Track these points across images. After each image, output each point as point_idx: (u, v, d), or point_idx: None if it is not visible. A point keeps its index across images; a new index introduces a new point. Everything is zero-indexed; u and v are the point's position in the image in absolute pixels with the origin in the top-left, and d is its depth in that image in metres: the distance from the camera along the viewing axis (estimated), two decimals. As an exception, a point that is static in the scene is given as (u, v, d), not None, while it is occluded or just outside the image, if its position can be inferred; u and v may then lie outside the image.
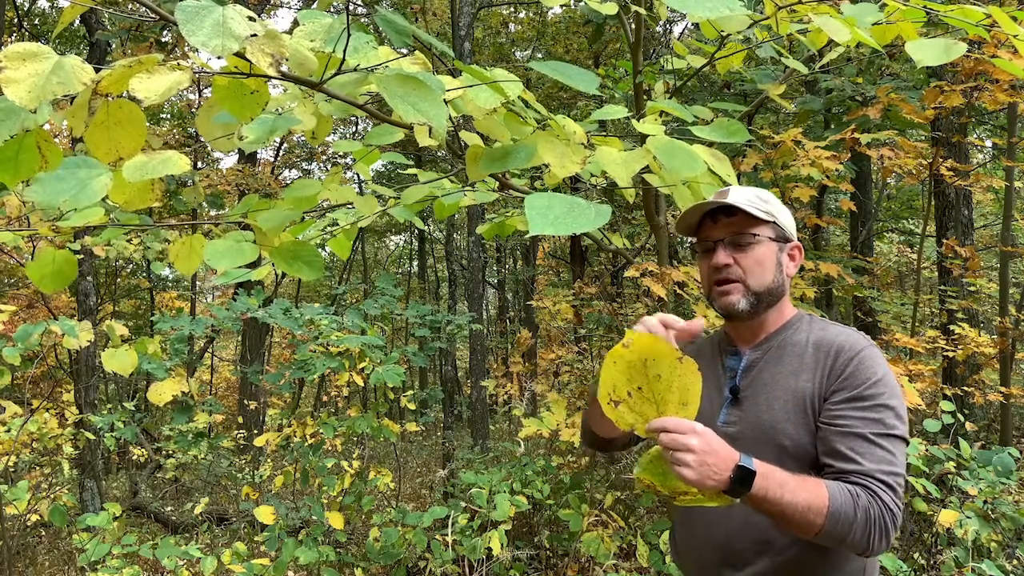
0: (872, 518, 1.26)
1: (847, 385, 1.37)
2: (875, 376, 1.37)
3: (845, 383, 1.38)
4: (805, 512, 1.24)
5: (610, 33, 8.81)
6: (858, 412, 1.34)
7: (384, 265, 22.57)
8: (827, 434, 1.36)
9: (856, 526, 1.25)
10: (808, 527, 1.26)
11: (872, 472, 1.30)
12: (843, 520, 1.25)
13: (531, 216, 1.16)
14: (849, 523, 1.25)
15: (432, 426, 11.95)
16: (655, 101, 2.37)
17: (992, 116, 7.87)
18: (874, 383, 1.36)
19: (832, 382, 1.39)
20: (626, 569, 3.82)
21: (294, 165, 16.57)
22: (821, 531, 1.25)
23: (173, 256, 1.79)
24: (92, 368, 7.64)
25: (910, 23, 1.82)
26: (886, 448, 1.32)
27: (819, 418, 1.38)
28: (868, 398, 1.35)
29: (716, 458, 1.21)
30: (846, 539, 1.27)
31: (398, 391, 4.90)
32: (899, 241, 12.89)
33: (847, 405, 1.36)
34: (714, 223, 1.51)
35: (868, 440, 1.32)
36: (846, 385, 1.37)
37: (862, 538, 1.26)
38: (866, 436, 1.32)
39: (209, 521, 6.70)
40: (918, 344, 4.45)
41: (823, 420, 1.37)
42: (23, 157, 1.32)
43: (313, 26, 1.41)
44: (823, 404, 1.39)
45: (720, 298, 1.50)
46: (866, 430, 1.33)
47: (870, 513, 1.26)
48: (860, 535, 1.26)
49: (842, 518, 1.25)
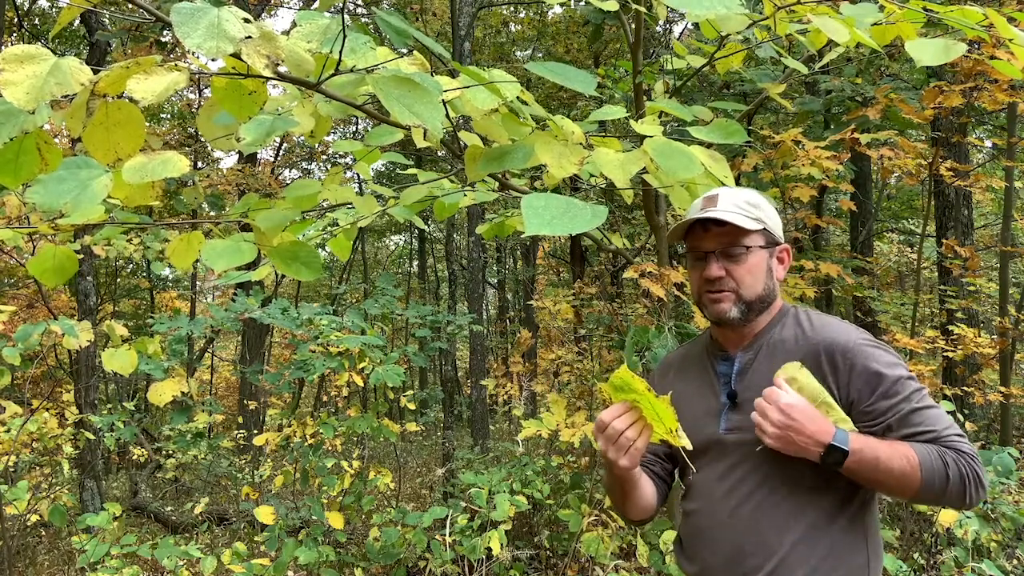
0: (964, 473, 1.32)
1: (865, 384, 1.39)
2: (879, 359, 1.40)
3: (867, 383, 1.39)
4: (900, 479, 1.31)
5: (610, 33, 8.81)
6: (892, 399, 1.38)
7: (384, 265, 22.57)
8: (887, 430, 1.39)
9: (952, 484, 1.32)
10: (904, 491, 1.34)
11: (943, 433, 1.35)
12: (936, 483, 1.32)
13: (527, 217, 1.16)
14: (943, 484, 1.32)
15: (432, 426, 11.95)
16: (655, 101, 2.37)
17: (992, 116, 7.87)
18: (883, 366, 1.40)
19: (847, 388, 1.40)
20: (626, 569, 3.82)
21: (294, 165, 16.58)
22: (917, 495, 1.33)
23: (171, 252, 1.79)
24: (92, 368, 7.64)
25: (909, 24, 1.82)
26: (932, 407, 1.39)
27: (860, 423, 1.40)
28: (897, 383, 1.39)
29: (803, 433, 1.30)
30: (942, 498, 1.34)
31: (398, 391, 4.90)
32: (899, 241, 12.89)
33: (882, 401, 1.38)
34: (705, 232, 1.49)
35: (918, 411, 1.37)
36: (869, 384, 1.39)
37: (959, 495, 1.33)
38: (915, 409, 1.38)
39: (209, 521, 6.71)
40: (918, 344, 4.44)
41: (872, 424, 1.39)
42: (23, 159, 1.33)
43: (310, 27, 1.41)
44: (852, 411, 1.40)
45: (711, 305, 1.50)
46: (910, 405, 1.38)
47: (961, 469, 1.32)
48: (956, 492, 1.32)
49: (936, 481, 1.31)
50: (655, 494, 1.60)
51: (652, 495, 1.58)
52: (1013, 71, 1.81)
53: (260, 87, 1.36)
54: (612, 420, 1.31)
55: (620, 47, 10.28)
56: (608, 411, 1.32)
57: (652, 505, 1.59)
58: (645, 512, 1.59)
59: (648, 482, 1.58)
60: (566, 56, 11.19)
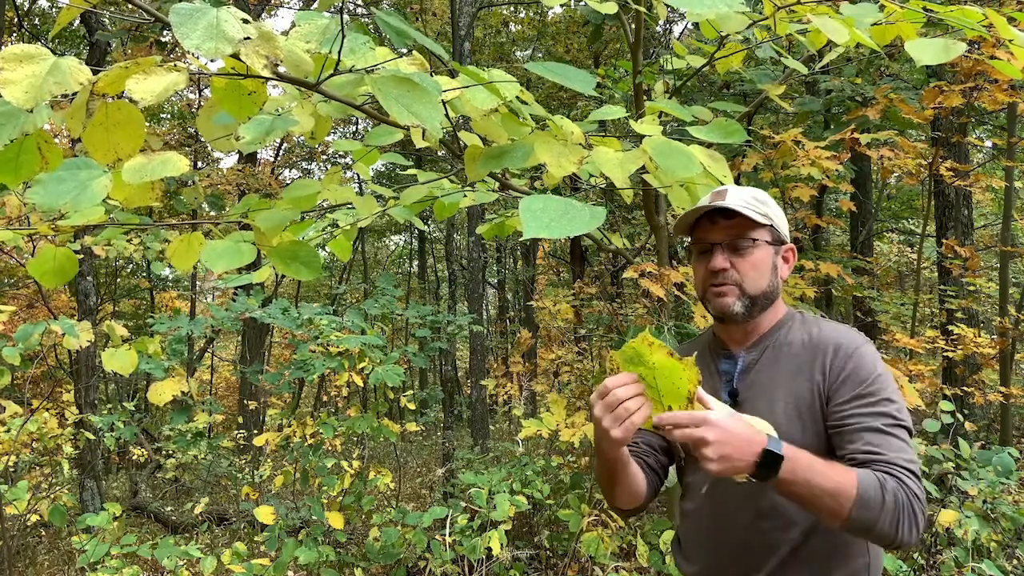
0: (900, 504, 1.24)
1: (850, 383, 1.38)
2: (875, 372, 1.38)
3: (847, 382, 1.38)
4: (835, 496, 1.22)
5: (610, 33, 8.81)
6: (866, 408, 1.35)
7: (384, 265, 22.57)
8: (841, 433, 1.36)
9: (885, 512, 1.23)
10: (837, 511, 1.23)
11: (894, 460, 1.28)
12: (872, 505, 1.22)
13: (526, 219, 1.16)
14: (878, 508, 1.23)
15: (432, 426, 11.95)
16: (655, 101, 2.37)
17: (992, 116, 7.87)
18: (875, 378, 1.37)
19: (833, 381, 1.39)
20: (626, 569, 3.82)
21: (294, 165, 16.58)
22: (850, 516, 1.23)
23: (171, 253, 1.79)
24: (92, 368, 7.64)
25: (909, 23, 1.82)
26: (900, 437, 1.33)
27: (827, 420, 1.38)
28: (872, 394, 1.36)
29: (737, 446, 1.18)
30: (875, 525, 1.23)
31: (398, 391, 4.91)
32: (899, 241, 12.90)
33: (855, 403, 1.36)
34: (712, 224, 1.49)
35: (882, 432, 1.32)
36: (849, 384, 1.38)
37: (891, 525, 1.23)
38: (880, 428, 1.32)
39: (209, 521, 6.71)
40: (918, 344, 4.45)
41: (833, 422, 1.37)
42: (24, 158, 1.33)
43: (309, 27, 1.41)
44: (827, 405, 1.39)
45: (715, 299, 1.49)
46: (878, 423, 1.33)
47: (899, 499, 1.24)
48: (889, 521, 1.23)
49: (871, 504, 1.22)
50: (645, 485, 1.56)
51: (642, 485, 1.55)
52: (1013, 71, 1.81)
53: (259, 87, 1.36)
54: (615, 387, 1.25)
55: (620, 47, 10.28)
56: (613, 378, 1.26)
57: (641, 494, 1.55)
58: (633, 500, 1.55)
59: (639, 471, 1.54)
60: (566, 56, 11.20)
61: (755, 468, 1.19)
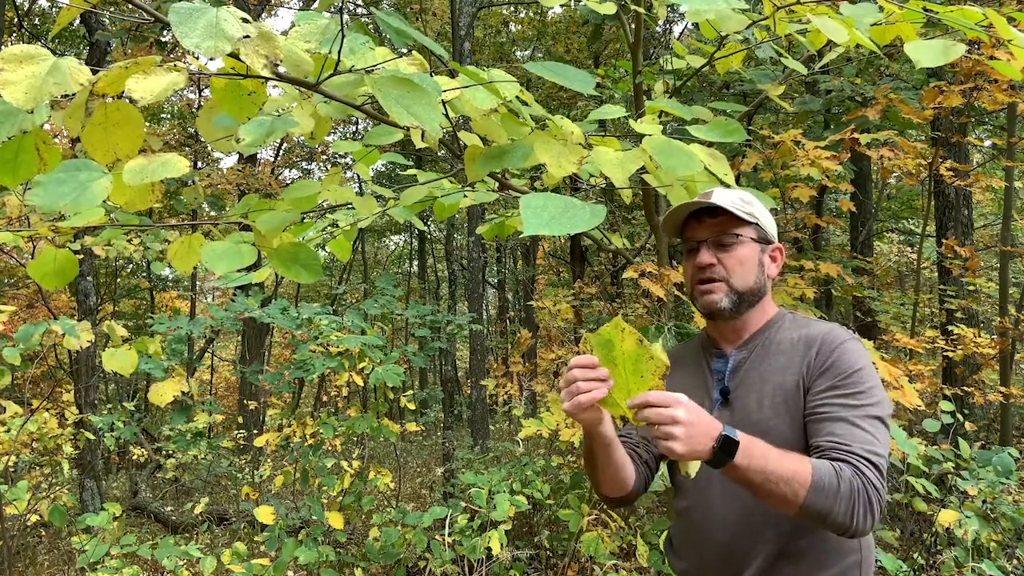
0: (856, 491, 1.25)
1: (828, 374, 1.39)
2: (856, 366, 1.39)
3: (826, 373, 1.39)
4: (789, 482, 1.23)
5: (610, 33, 8.81)
6: (838, 399, 1.36)
7: (384, 265, 22.57)
8: (811, 422, 1.38)
9: (840, 498, 1.24)
10: (792, 498, 1.24)
11: (855, 450, 1.29)
12: (827, 491, 1.23)
13: (526, 216, 1.16)
14: (833, 494, 1.24)
15: (432, 426, 11.96)
16: (655, 101, 2.37)
17: (992, 116, 7.87)
18: (855, 372, 1.38)
19: (814, 372, 1.41)
20: (626, 569, 3.82)
21: (294, 165, 16.59)
22: (804, 503, 1.23)
23: (172, 255, 1.79)
24: (92, 368, 7.64)
25: (909, 24, 1.82)
26: (867, 429, 1.33)
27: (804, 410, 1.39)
28: (847, 386, 1.37)
29: (700, 428, 1.20)
30: (830, 513, 1.24)
31: (398, 391, 4.91)
32: (899, 241, 12.90)
33: (829, 393, 1.37)
34: (699, 223, 1.53)
35: (850, 423, 1.33)
36: (827, 374, 1.39)
37: (846, 512, 1.24)
38: (848, 419, 1.33)
39: (209, 521, 6.71)
40: (918, 344, 4.45)
41: (807, 411, 1.39)
42: (22, 158, 1.33)
43: (308, 27, 1.41)
44: (806, 395, 1.40)
45: (703, 296, 1.51)
46: (847, 414, 1.34)
47: (854, 485, 1.25)
48: (844, 509, 1.24)
49: (826, 490, 1.23)
50: (634, 475, 1.55)
51: (630, 474, 1.54)
52: (1013, 71, 1.81)
53: (259, 87, 1.36)
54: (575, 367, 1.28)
55: (620, 47, 10.28)
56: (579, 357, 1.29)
57: (628, 484, 1.54)
58: (619, 489, 1.54)
59: (626, 459, 1.53)
60: (566, 56, 11.20)
61: (712, 453, 1.21)
